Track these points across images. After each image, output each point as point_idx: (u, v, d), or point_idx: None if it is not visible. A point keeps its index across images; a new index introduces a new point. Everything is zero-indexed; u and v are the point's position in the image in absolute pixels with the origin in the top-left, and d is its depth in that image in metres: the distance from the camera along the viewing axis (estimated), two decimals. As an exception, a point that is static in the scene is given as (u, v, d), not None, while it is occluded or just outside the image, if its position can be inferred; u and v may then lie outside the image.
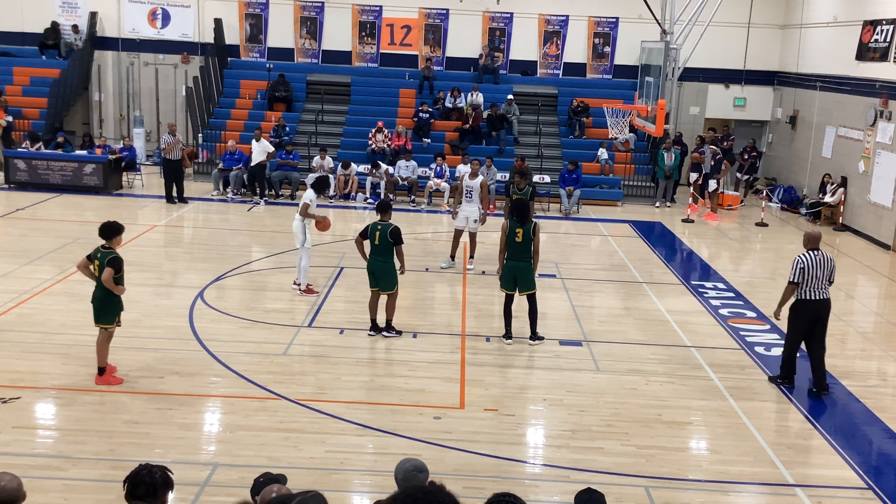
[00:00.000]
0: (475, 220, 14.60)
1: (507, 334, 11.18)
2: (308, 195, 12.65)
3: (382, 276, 10.95)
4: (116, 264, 8.98)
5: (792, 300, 9.99)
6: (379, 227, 10.85)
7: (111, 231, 9.11)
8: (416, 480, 4.54)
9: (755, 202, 21.78)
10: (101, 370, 9.22)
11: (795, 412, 9.52)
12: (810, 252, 9.84)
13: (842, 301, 14.17)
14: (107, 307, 9.12)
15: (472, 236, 14.74)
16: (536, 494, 7.44)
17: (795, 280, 9.79)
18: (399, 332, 11.19)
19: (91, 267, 9.13)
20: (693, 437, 8.88)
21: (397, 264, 11.05)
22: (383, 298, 11.14)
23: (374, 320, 11.15)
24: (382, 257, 10.89)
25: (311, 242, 12.77)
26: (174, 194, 19.37)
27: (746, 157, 23.62)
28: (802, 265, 9.75)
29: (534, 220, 11.10)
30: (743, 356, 11.20)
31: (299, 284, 12.78)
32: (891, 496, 7.69)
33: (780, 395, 9.94)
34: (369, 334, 11.11)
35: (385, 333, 11.12)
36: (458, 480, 7.29)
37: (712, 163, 21.59)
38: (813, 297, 9.83)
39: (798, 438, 8.84)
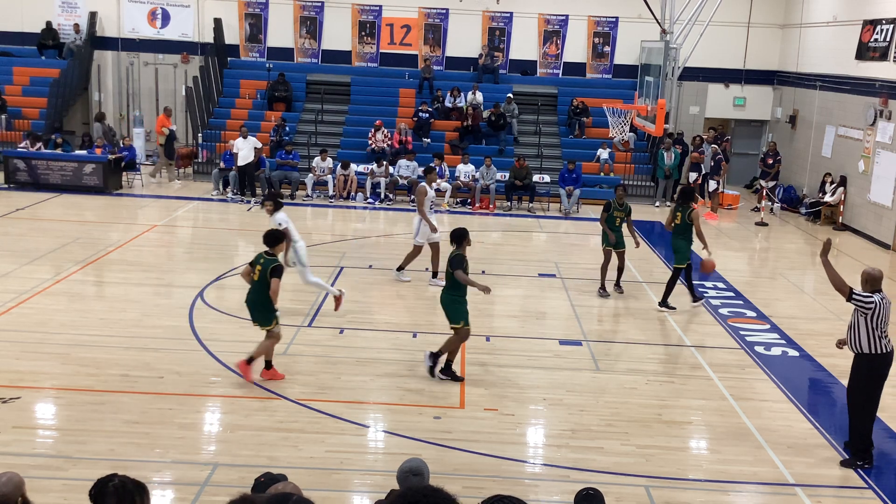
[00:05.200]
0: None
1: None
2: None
3: (443, 307, 9.91)
4: (280, 273, 9.22)
5: (863, 349, 8.08)
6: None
7: (275, 239, 9.41)
8: (409, 482, 4.51)
9: (780, 216, 21.44)
10: (268, 364, 9.56)
11: (795, 412, 9.51)
12: (877, 295, 8.00)
13: (842, 300, 14.14)
14: (264, 310, 9.35)
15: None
16: (536, 494, 7.44)
17: (866, 309, 7.95)
18: (456, 378, 9.74)
19: (253, 273, 9.32)
20: (693, 437, 8.88)
21: (472, 291, 9.78)
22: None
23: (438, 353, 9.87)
24: (445, 287, 9.87)
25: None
26: None
27: (771, 161, 22.32)
28: (882, 311, 7.94)
29: (692, 206, 13.02)
30: (743, 356, 11.20)
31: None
32: (891, 496, 7.69)
33: (780, 395, 9.94)
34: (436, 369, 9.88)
35: (439, 373, 9.77)
36: (458, 480, 7.30)
37: (712, 163, 21.59)
38: (890, 349, 8.08)
39: (798, 438, 8.83)
